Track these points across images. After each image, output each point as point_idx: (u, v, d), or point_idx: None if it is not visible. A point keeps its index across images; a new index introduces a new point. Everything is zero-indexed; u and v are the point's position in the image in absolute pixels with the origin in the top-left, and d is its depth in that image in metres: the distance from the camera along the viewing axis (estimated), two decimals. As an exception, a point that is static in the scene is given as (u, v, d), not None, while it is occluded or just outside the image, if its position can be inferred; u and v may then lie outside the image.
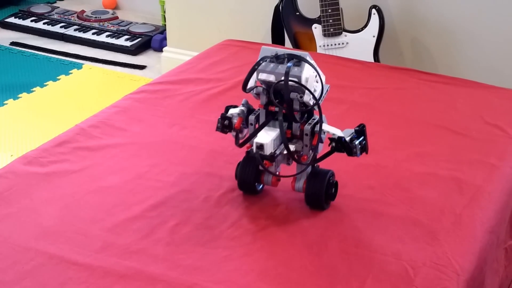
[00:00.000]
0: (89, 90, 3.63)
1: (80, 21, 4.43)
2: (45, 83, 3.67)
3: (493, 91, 2.21)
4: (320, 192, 1.55)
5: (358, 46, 2.83)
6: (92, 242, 1.46)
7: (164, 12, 4.04)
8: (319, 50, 2.87)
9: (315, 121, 1.53)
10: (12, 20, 4.46)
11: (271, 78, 1.50)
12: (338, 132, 1.51)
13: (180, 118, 2.00)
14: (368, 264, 1.42)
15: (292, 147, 1.52)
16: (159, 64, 3.89)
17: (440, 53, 2.99)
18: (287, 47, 2.89)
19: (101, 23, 4.41)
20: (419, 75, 2.32)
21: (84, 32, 4.29)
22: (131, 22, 4.43)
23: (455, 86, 2.24)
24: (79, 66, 3.90)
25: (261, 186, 1.64)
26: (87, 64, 3.95)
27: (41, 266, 1.40)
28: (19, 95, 3.52)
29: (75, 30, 4.31)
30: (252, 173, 1.60)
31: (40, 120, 3.28)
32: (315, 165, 1.58)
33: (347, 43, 2.85)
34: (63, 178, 1.69)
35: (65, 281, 1.36)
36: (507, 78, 2.84)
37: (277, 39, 3.06)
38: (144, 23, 4.40)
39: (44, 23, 4.40)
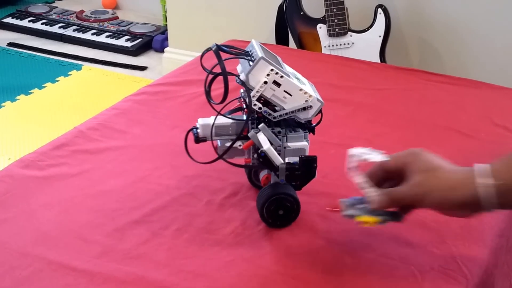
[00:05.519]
0: (88, 92, 3.63)
1: (79, 21, 4.42)
2: (43, 85, 3.66)
3: (502, 92, 2.20)
4: (258, 203, 1.50)
5: (364, 46, 2.83)
6: (91, 248, 1.44)
7: (166, 12, 4.03)
8: (324, 51, 2.86)
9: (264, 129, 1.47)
10: (9, 20, 4.46)
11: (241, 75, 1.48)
12: (265, 146, 1.44)
13: (182, 121, 1.98)
14: (374, 269, 1.40)
15: (238, 143, 1.49)
16: (160, 65, 3.88)
17: (448, 53, 2.98)
18: (292, 47, 2.88)
19: (100, 23, 4.40)
20: (426, 75, 2.30)
21: (83, 33, 4.28)
22: (132, 22, 4.42)
23: (463, 87, 2.22)
24: (78, 67, 3.89)
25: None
26: (86, 65, 3.94)
27: (39, 272, 1.37)
28: (17, 97, 3.51)
29: (74, 30, 4.31)
30: (248, 170, 1.62)
31: (38, 122, 3.27)
32: (293, 184, 1.52)
33: (352, 43, 2.84)
34: (62, 182, 1.67)
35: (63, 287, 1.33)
36: (516, 79, 2.83)
37: (281, 39, 3.06)
38: (145, 23, 4.40)
39: (42, 24, 4.39)
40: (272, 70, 1.43)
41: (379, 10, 2.82)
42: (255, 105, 1.44)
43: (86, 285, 1.34)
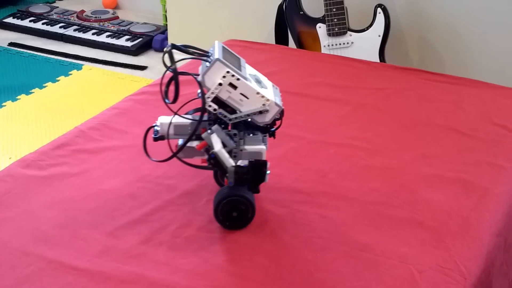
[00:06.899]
0: (89, 92, 3.62)
1: (79, 21, 4.41)
2: (44, 85, 3.65)
3: (501, 92, 2.19)
4: (215, 202, 1.49)
5: (363, 45, 2.83)
6: (91, 247, 1.44)
7: (166, 11, 4.02)
8: (323, 50, 2.86)
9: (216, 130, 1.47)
10: (10, 20, 4.45)
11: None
12: (216, 148, 1.44)
13: (182, 120, 1.98)
14: (373, 268, 1.40)
15: (194, 142, 1.49)
16: (161, 65, 3.87)
17: (447, 53, 2.98)
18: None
19: (101, 23, 4.39)
20: (426, 75, 2.30)
21: (84, 32, 4.27)
22: (132, 22, 4.41)
23: (462, 86, 2.21)
24: (78, 67, 3.88)
25: None
26: (87, 65, 3.93)
27: (40, 271, 1.38)
28: (18, 97, 3.50)
29: (74, 30, 4.30)
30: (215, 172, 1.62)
31: (39, 122, 3.27)
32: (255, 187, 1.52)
33: (352, 42, 2.84)
34: (62, 182, 1.67)
35: (64, 286, 1.34)
36: (515, 78, 2.83)
37: (280, 38, 3.05)
38: (145, 23, 4.39)
39: (43, 23, 4.38)
40: (228, 72, 1.42)
41: (379, 9, 2.82)
42: (210, 106, 1.44)
43: (86, 284, 1.34)
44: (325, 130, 1.92)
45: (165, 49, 1.45)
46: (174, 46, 1.45)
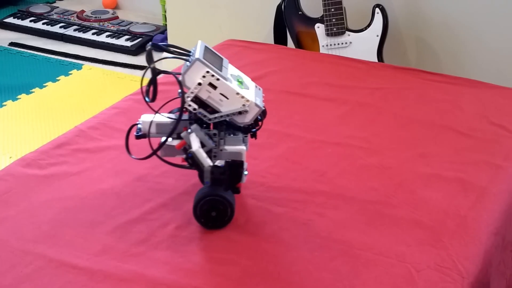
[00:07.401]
0: (88, 91, 3.62)
1: (79, 21, 4.42)
2: (44, 84, 3.66)
3: (499, 91, 2.19)
4: (194, 201, 1.49)
5: (361, 45, 2.83)
6: (91, 245, 1.44)
7: (165, 11, 4.03)
8: (322, 50, 2.86)
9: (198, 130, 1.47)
10: (10, 20, 4.46)
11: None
12: (194, 147, 1.44)
13: (181, 119, 1.98)
14: (371, 267, 1.40)
15: (175, 141, 1.49)
16: (160, 65, 3.88)
17: (445, 53, 2.98)
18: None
19: (101, 23, 4.40)
20: (424, 75, 2.30)
21: (84, 32, 4.28)
22: (132, 22, 4.42)
23: (460, 86, 2.22)
24: (78, 67, 3.89)
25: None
26: (87, 64, 3.94)
27: (40, 269, 1.38)
28: (18, 96, 3.51)
29: (74, 30, 4.31)
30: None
31: (39, 121, 3.27)
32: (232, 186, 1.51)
33: (350, 42, 2.84)
34: (62, 181, 1.67)
35: (64, 285, 1.34)
36: (513, 78, 2.83)
37: (279, 38, 3.06)
38: (145, 23, 4.40)
39: (43, 23, 4.39)
40: (207, 72, 1.42)
41: (377, 9, 2.82)
42: (189, 105, 1.44)
43: (86, 283, 1.35)
44: (323, 130, 1.92)
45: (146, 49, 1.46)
46: (154, 46, 1.45)
